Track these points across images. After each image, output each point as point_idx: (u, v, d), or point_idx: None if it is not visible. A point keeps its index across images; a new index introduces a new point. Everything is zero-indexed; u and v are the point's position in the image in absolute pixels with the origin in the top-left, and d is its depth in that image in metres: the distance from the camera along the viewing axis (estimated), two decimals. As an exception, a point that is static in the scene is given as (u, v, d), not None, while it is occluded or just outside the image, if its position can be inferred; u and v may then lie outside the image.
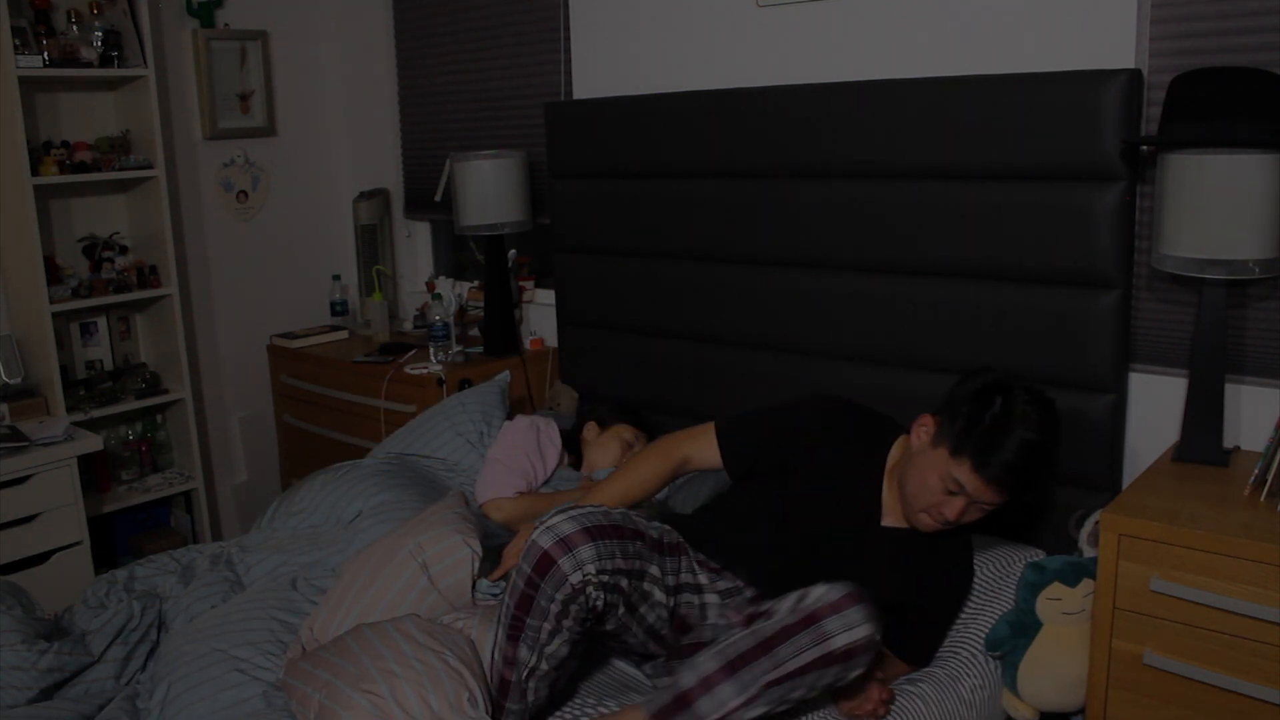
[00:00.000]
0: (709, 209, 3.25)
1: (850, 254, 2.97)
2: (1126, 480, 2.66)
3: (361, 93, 4.61)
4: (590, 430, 3.21)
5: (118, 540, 4.01)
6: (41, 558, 3.40)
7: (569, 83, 3.78)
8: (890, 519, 2.35)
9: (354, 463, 3.00)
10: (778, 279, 3.14)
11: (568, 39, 3.75)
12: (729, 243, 3.22)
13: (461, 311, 4.02)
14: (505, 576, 2.30)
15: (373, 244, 4.44)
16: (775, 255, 3.13)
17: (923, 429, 2.26)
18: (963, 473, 2.13)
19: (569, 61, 3.77)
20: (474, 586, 2.33)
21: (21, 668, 2.24)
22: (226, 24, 4.29)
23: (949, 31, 2.86)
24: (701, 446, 2.45)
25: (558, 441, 3.12)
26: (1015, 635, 2.37)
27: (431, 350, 3.76)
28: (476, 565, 2.32)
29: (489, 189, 3.66)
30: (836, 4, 3.06)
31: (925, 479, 2.19)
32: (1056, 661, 2.34)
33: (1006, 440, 2.11)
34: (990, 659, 2.41)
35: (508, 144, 3.98)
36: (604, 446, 3.13)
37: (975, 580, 2.52)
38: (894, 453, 2.39)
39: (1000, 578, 2.57)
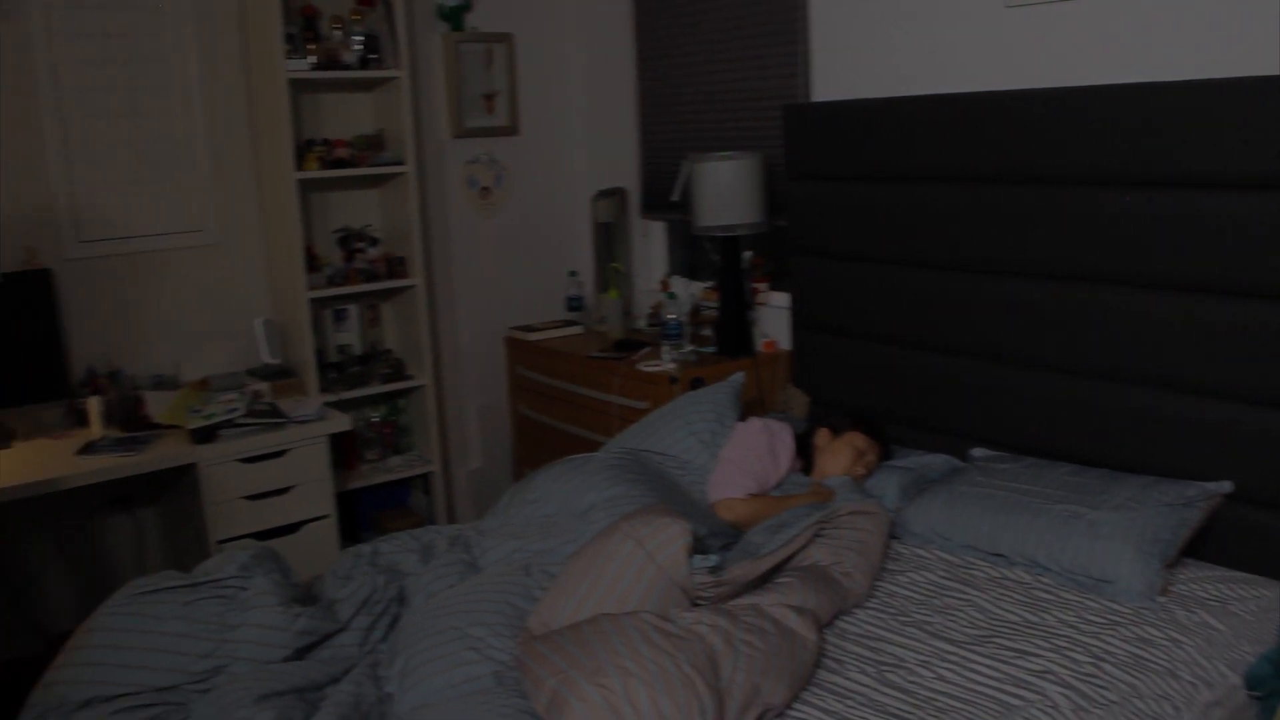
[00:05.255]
0: (951, 215, 3.16)
1: (1097, 265, 2.84)
2: None
3: (601, 93, 4.69)
4: (822, 436, 3.17)
5: (360, 515, 4.22)
6: (293, 527, 3.61)
7: (807, 84, 3.75)
8: None
9: (589, 456, 3.05)
10: (1019, 290, 3.03)
11: (807, 41, 3.72)
12: (971, 251, 3.13)
13: (695, 311, 4.04)
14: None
15: (609, 242, 4.51)
16: (1016, 265, 3.02)
17: None
18: None
19: (808, 63, 3.74)
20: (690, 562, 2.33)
21: (279, 628, 2.38)
22: (474, 27, 4.45)
23: (1209, 31, 2.69)
24: None
25: (791, 445, 3.10)
26: (1277, 675, 2.21)
27: (664, 348, 3.79)
28: (689, 540, 2.31)
29: (726, 190, 3.67)
30: (1086, 3, 2.92)
31: None
32: (1324, 707, 2.17)
33: None
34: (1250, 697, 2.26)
35: (745, 145, 3.98)
36: (835, 454, 3.09)
37: (1231, 614, 2.35)
38: None
39: (1262, 613, 2.41)
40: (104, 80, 3.79)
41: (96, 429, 3.59)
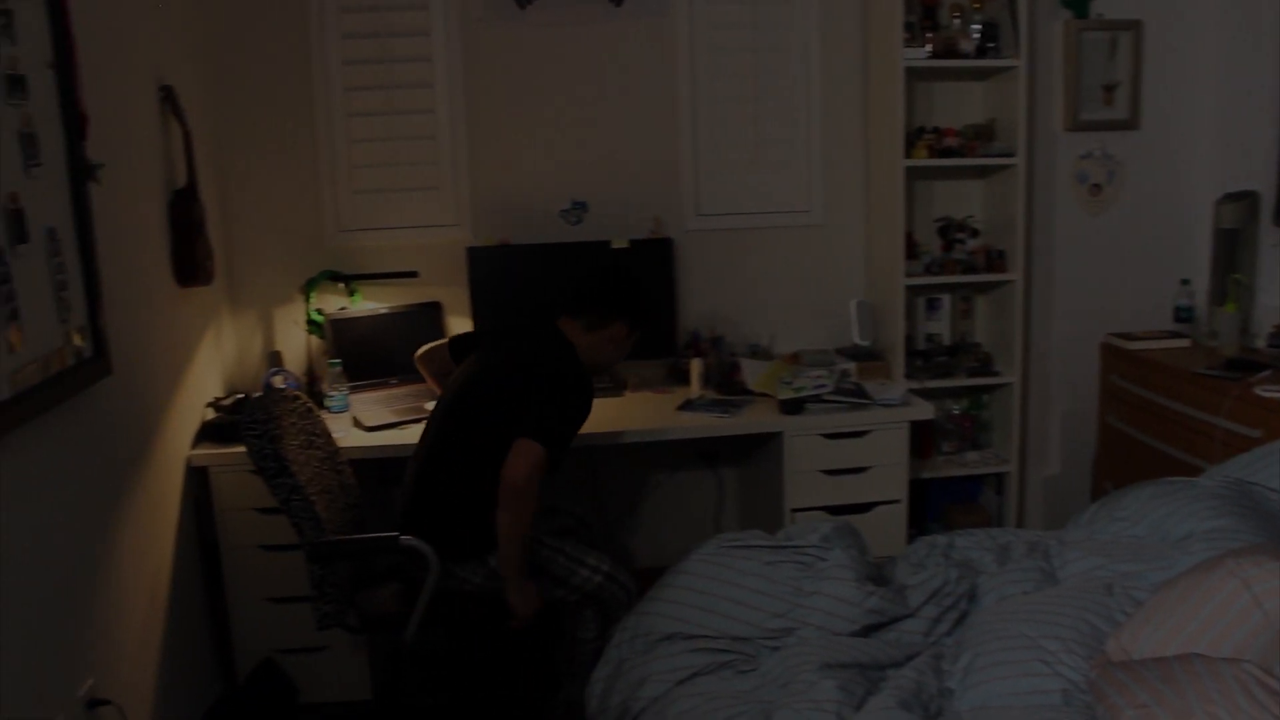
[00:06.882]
0: None
1: None
2: None
3: (1238, 86, 4.27)
4: None
5: (929, 505, 4.24)
6: (864, 507, 3.70)
7: None
8: None
9: (1190, 480, 2.83)
10: None
11: None
12: None
13: (1332, 338, 3.60)
14: None
15: (1231, 250, 4.12)
16: None
17: None
18: None
19: None
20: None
21: (852, 602, 2.48)
22: (1100, 14, 4.24)
23: None
24: None
25: None
26: None
27: (1288, 373, 3.42)
28: None
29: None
30: None
31: None
32: None
33: None
34: None
35: None
36: None
37: None
38: None
39: None
40: (732, 68, 4.12)
41: (695, 388, 3.90)
